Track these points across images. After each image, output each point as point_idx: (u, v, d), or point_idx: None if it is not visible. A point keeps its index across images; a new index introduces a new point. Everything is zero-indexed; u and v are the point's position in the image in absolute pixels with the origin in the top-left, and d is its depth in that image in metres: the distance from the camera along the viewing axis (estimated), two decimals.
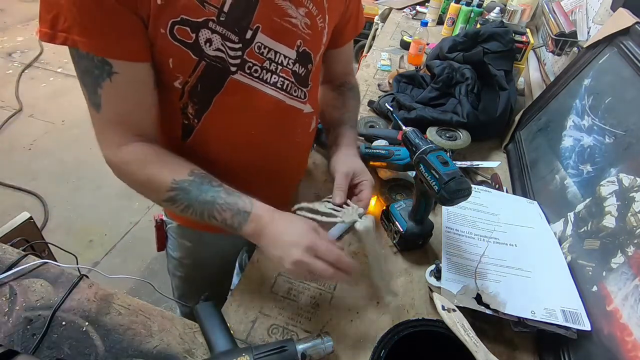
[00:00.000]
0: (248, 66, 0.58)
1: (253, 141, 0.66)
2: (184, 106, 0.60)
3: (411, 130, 0.74)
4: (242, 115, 0.63)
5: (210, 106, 0.60)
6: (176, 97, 0.59)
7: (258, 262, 0.75)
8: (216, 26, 0.53)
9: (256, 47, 0.57)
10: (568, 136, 0.88)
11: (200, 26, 0.52)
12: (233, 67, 0.57)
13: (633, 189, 0.63)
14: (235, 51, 0.56)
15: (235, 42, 0.55)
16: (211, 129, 0.63)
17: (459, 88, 1.07)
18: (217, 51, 0.55)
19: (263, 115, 0.64)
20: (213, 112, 0.61)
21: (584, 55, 0.96)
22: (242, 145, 0.66)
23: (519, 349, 0.66)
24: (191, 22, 0.51)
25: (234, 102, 0.60)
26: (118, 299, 0.65)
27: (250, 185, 0.72)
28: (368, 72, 1.46)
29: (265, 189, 0.73)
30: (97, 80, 0.50)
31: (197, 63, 0.55)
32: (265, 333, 0.64)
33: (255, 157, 0.69)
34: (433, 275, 0.73)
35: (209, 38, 0.53)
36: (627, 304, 0.57)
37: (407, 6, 2.07)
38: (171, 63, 0.54)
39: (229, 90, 0.59)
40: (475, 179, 1.00)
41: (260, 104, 0.62)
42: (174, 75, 0.56)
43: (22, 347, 0.57)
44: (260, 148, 0.68)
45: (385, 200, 0.90)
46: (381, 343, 0.57)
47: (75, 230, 1.93)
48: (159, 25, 0.50)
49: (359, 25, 0.78)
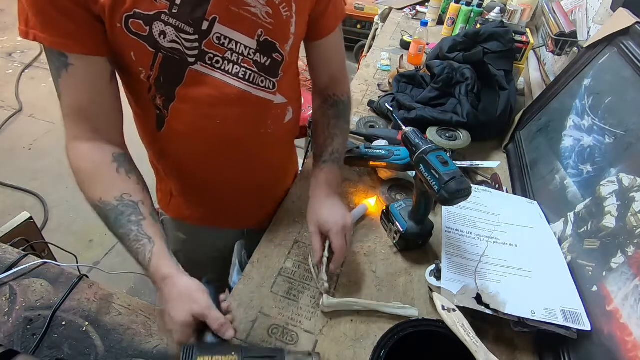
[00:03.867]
0: (208, 57, 0.58)
1: (222, 132, 0.66)
2: (152, 98, 0.62)
3: (411, 130, 0.74)
4: (207, 106, 0.63)
5: (175, 98, 0.61)
6: (145, 89, 0.61)
7: (258, 262, 0.75)
8: (169, 19, 0.54)
9: (215, 38, 0.57)
10: (568, 136, 0.88)
11: (153, 19, 0.53)
12: (191, 58, 0.58)
13: (633, 189, 0.63)
14: (191, 42, 0.56)
15: (191, 34, 0.56)
16: (179, 120, 0.64)
17: (459, 88, 1.07)
18: (172, 43, 0.55)
19: (226, 104, 0.63)
20: (178, 104, 0.62)
21: (584, 55, 0.96)
22: (211, 136, 0.66)
23: (519, 349, 0.66)
24: (143, 15, 0.52)
25: (197, 93, 0.61)
26: (118, 299, 0.65)
27: (225, 179, 0.74)
28: (368, 72, 1.46)
29: (241, 182, 0.76)
30: (58, 72, 0.55)
31: (155, 55, 0.56)
32: (265, 333, 0.64)
33: (225, 148, 0.69)
34: (433, 275, 0.73)
35: (163, 30, 0.54)
36: (627, 304, 0.57)
37: (407, 6, 2.07)
38: (133, 56, 0.56)
39: (189, 81, 0.59)
40: (475, 179, 1.00)
41: (224, 95, 0.62)
42: (137, 68, 0.58)
43: (22, 347, 0.57)
44: (230, 139, 0.68)
45: (385, 200, 0.90)
46: (381, 343, 0.57)
47: (75, 230, 1.92)
48: (114, 20, 0.52)
49: (338, 14, 0.73)
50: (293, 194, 0.90)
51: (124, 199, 0.56)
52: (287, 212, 0.86)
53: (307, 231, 0.82)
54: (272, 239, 0.80)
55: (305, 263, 0.76)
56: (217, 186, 0.76)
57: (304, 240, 0.80)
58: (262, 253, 0.77)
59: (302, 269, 0.75)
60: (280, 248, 0.78)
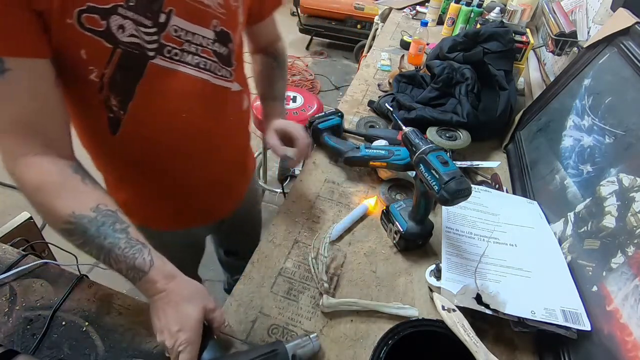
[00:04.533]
0: (167, 50, 0.58)
1: (185, 124, 0.65)
2: (105, 99, 0.58)
3: (411, 130, 0.74)
4: (169, 100, 0.62)
5: (134, 95, 0.58)
6: (95, 91, 0.56)
7: (258, 262, 0.75)
8: (126, 12, 0.52)
9: (172, 30, 0.57)
10: (568, 136, 0.88)
11: (110, 12, 0.50)
12: (151, 52, 0.56)
13: (633, 189, 0.63)
14: (150, 36, 0.55)
15: (150, 27, 0.54)
16: (140, 117, 0.61)
17: (459, 88, 1.07)
18: (131, 37, 0.53)
19: (191, 97, 0.63)
20: (139, 100, 0.59)
21: (584, 55, 0.96)
22: (174, 130, 0.65)
23: (519, 349, 0.66)
24: (99, 9, 0.49)
25: (159, 87, 0.60)
26: (118, 299, 0.65)
27: (192, 174, 0.73)
28: (368, 72, 1.46)
29: (207, 175, 0.75)
30: None
31: (113, 51, 0.53)
32: (265, 333, 0.64)
33: (189, 140, 0.68)
34: (433, 275, 0.73)
35: (121, 24, 0.52)
36: (627, 304, 0.57)
37: (407, 6, 2.07)
38: (84, 54, 0.52)
39: (150, 75, 0.58)
40: (475, 179, 1.00)
41: (186, 86, 0.62)
42: (88, 68, 0.54)
43: (22, 347, 0.57)
44: (194, 130, 0.67)
45: (385, 200, 0.90)
46: (381, 343, 0.57)
47: None
48: (64, 16, 0.48)
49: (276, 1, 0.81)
50: (293, 194, 0.90)
51: (101, 209, 0.52)
52: (287, 212, 0.86)
53: (307, 231, 0.82)
54: (272, 239, 0.80)
55: (305, 263, 0.76)
56: (183, 183, 0.74)
57: (304, 240, 0.80)
58: (262, 253, 0.77)
59: (302, 269, 0.75)
60: (280, 248, 0.78)
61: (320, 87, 3.26)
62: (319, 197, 0.90)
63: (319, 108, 1.75)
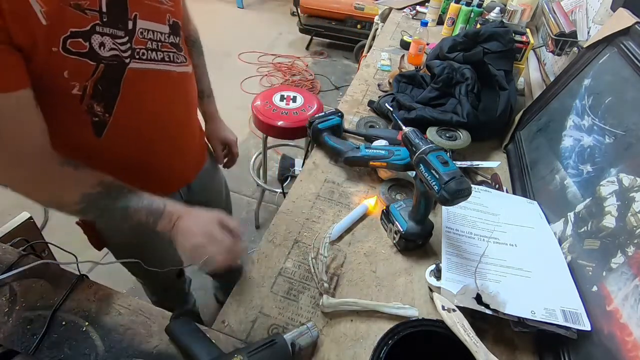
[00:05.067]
0: (136, 52, 0.61)
1: (164, 114, 0.71)
2: (89, 107, 0.60)
3: (411, 130, 0.74)
4: (150, 97, 0.67)
5: (117, 99, 0.62)
6: (76, 102, 0.58)
7: (258, 262, 0.75)
8: (103, 28, 0.55)
9: (139, 33, 0.61)
10: (568, 136, 0.88)
11: (90, 33, 0.54)
12: (127, 59, 0.60)
13: (633, 189, 0.63)
14: (125, 45, 0.59)
15: (122, 37, 0.58)
16: (125, 118, 0.65)
17: (459, 88, 1.07)
18: (111, 51, 0.57)
19: (165, 89, 0.69)
20: (122, 102, 0.62)
21: (584, 55, 0.96)
22: (156, 122, 0.70)
23: (519, 349, 0.66)
24: (81, 32, 0.52)
25: (139, 88, 0.64)
26: (118, 299, 0.65)
27: (161, 160, 0.77)
28: (368, 72, 1.46)
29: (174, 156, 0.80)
30: None
31: (96, 67, 0.56)
32: (265, 333, 0.64)
33: (167, 127, 0.74)
34: (433, 275, 0.73)
35: (101, 42, 0.55)
36: (627, 304, 0.57)
37: (407, 6, 2.07)
38: (66, 74, 0.54)
39: (129, 80, 0.61)
40: (475, 179, 1.00)
41: (160, 81, 0.67)
42: (69, 84, 0.56)
43: (22, 347, 0.57)
44: (170, 118, 0.73)
45: (385, 200, 0.90)
46: (381, 343, 0.57)
47: (75, 230, 1.92)
48: (49, 45, 0.50)
49: None
50: (293, 194, 0.90)
51: (105, 183, 0.59)
52: (287, 212, 0.86)
53: (307, 231, 0.82)
54: (272, 239, 0.80)
55: (305, 263, 0.76)
56: (153, 170, 0.76)
57: (304, 240, 0.80)
58: (262, 253, 0.77)
59: (302, 269, 0.75)
60: (280, 248, 0.78)
61: (320, 87, 3.25)
62: (319, 197, 0.90)
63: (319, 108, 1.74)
